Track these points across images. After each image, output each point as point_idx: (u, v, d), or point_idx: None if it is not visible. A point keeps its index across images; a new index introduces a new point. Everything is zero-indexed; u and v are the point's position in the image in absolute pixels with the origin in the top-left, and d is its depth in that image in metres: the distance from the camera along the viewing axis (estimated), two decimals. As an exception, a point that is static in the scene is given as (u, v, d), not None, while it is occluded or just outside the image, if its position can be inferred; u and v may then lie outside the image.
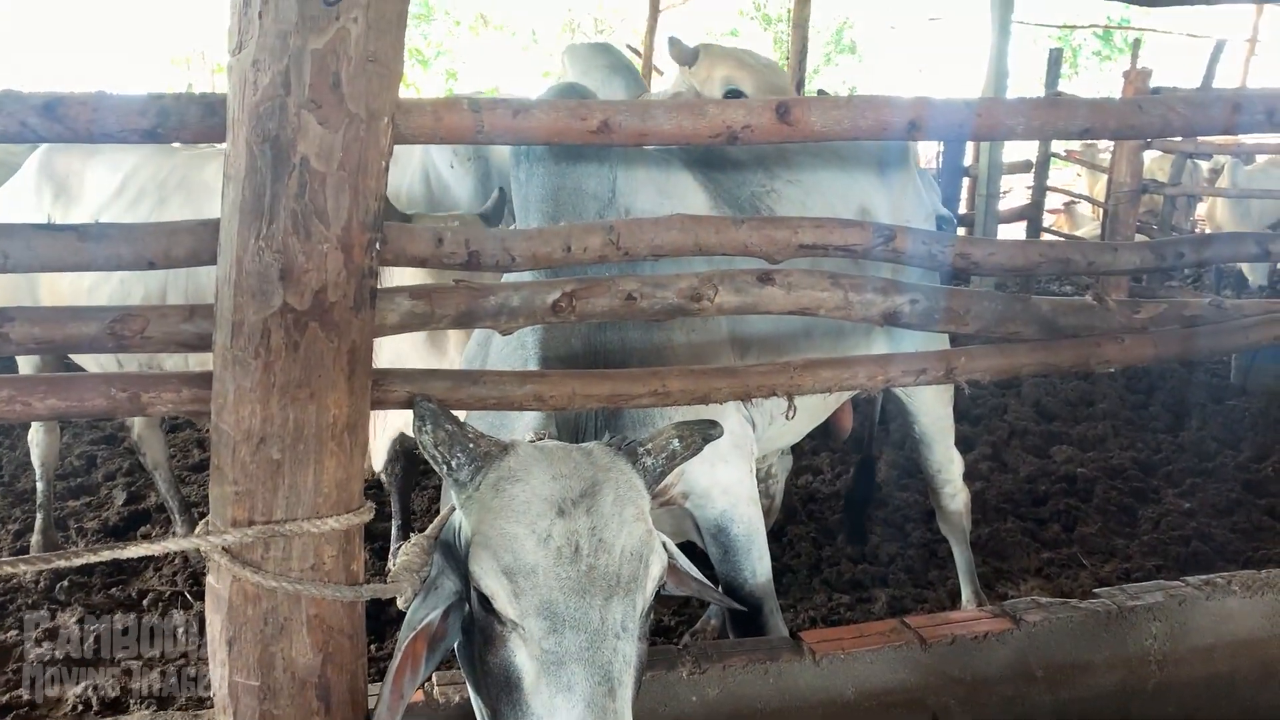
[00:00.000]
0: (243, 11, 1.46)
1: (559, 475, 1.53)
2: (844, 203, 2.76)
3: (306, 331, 1.51)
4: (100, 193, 3.73)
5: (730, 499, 2.29)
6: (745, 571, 2.32)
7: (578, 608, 1.42)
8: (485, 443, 1.58)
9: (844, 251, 1.99)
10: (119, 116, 1.54)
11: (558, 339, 2.11)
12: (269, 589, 1.57)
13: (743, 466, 2.34)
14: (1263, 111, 2.06)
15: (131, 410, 1.64)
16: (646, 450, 1.61)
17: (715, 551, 2.34)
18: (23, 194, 3.87)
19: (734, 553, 2.31)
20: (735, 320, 2.32)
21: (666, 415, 2.13)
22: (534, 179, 2.22)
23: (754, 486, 2.37)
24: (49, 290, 3.69)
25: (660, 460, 1.61)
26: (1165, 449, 5.45)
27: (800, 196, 2.63)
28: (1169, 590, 2.44)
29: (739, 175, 2.57)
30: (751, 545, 2.32)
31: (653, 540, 1.53)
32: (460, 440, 1.56)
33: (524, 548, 1.45)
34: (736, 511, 2.30)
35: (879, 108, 1.92)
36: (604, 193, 2.22)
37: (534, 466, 1.54)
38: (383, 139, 1.53)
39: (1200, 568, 3.91)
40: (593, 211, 2.21)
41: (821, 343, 2.59)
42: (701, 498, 2.27)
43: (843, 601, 3.83)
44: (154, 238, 1.61)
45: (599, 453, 1.60)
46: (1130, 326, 2.15)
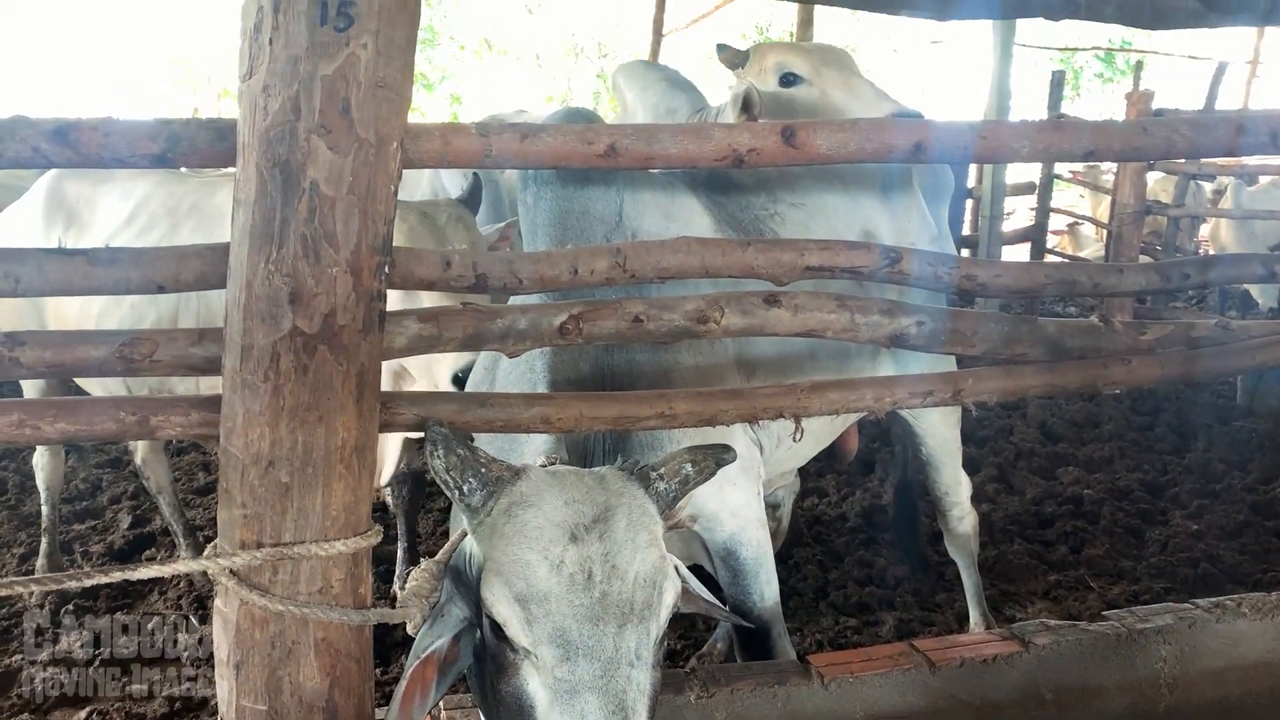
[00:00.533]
0: (253, 37, 1.48)
1: (571, 500, 1.52)
2: (847, 225, 2.76)
3: (315, 355, 1.52)
4: (112, 220, 3.72)
5: (739, 522, 2.28)
6: (754, 595, 2.31)
7: (591, 635, 1.41)
8: (497, 467, 1.57)
9: (850, 274, 2.00)
10: (129, 141, 1.56)
11: (565, 362, 2.11)
12: (276, 612, 1.57)
13: (750, 489, 2.34)
14: (1266, 133, 2.07)
15: (140, 434, 1.64)
16: (659, 475, 1.60)
17: (724, 574, 2.33)
18: (32, 220, 3.86)
19: (742, 576, 2.30)
20: (742, 342, 2.33)
21: (675, 438, 2.13)
22: (541, 203, 2.23)
23: (762, 509, 2.37)
24: (55, 317, 3.69)
25: (673, 485, 1.60)
26: (1172, 470, 5.43)
27: (804, 219, 2.63)
28: (1179, 613, 2.43)
29: (743, 198, 2.58)
30: (760, 568, 2.32)
31: (666, 566, 1.53)
32: (472, 465, 1.55)
33: (536, 574, 1.45)
34: (745, 535, 2.29)
35: (884, 130, 1.94)
36: (610, 216, 2.23)
37: (546, 492, 1.53)
38: (392, 164, 1.54)
39: (1209, 590, 3.89)
40: (599, 234, 2.22)
41: (827, 364, 2.59)
42: (710, 520, 2.27)
43: (849, 625, 3.81)
44: (163, 262, 1.62)
45: (611, 478, 1.59)
46: (1136, 348, 2.15)
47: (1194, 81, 13.02)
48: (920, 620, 3.86)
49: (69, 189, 3.83)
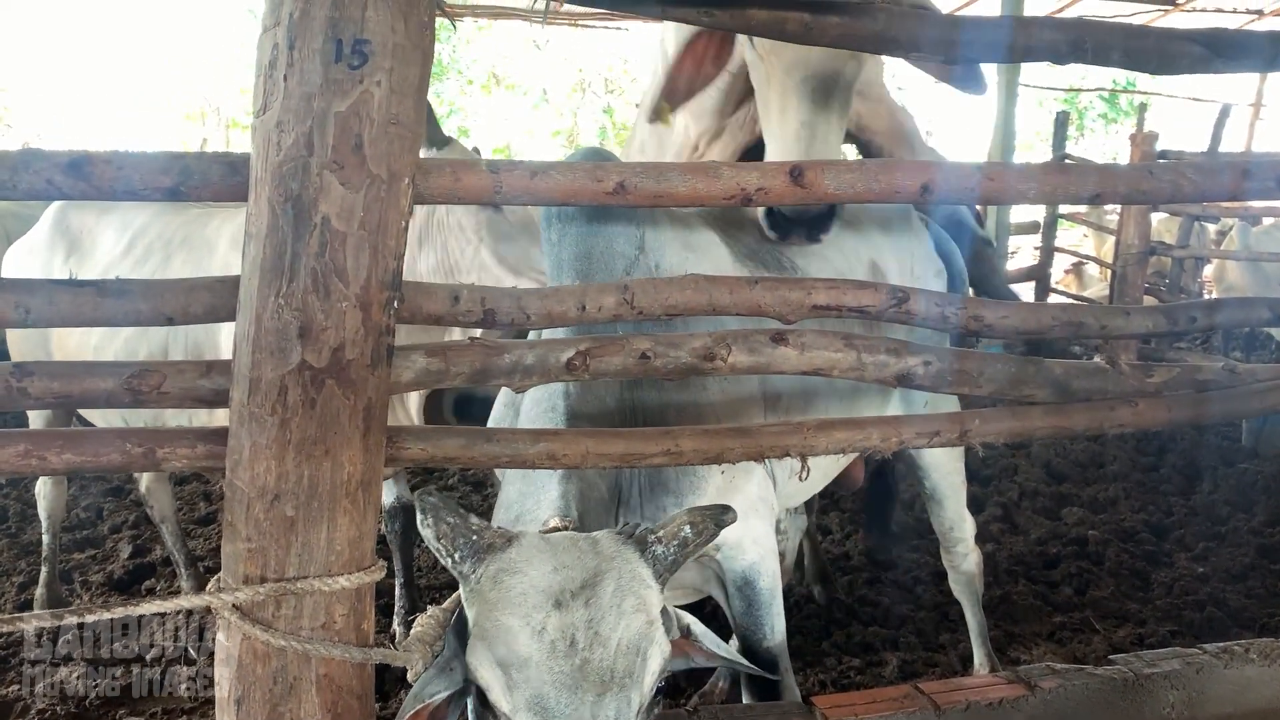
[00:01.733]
0: (268, 74, 1.49)
1: (560, 566, 1.51)
2: (856, 257, 2.83)
3: (324, 389, 1.52)
4: (110, 251, 3.75)
5: (760, 551, 2.30)
6: (765, 627, 2.31)
7: (569, 703, 1.40)
8: (490, 535, 1.57)
9: (857, 313, 2.00)
10: (142, 175, 1.57)
11: (590, 399, 2.11)
12: (279, 647, 1.56)
13: (770, 520, 2.36)
14: (1271, 178, 2.08)
15: (146, 465, 1.64)
16: (657, 539, 1.59)
17: (738, 604, 2.33)
18: (38, 250, 3.90)
19: (757, 607, 2.31)
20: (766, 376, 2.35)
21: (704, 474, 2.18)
22: (566, 240, 2.25)
23: (775, 541, 2.38)
24: (59, 348, 3.70)
25: (671, 548, 1.58)
26: (1177, 512, 5.41)
27: (817, 250, 2.68)
28: (1186, 658, 2.41)
29: (756, 231, 2.63)
30: (774, 600, 2.32)
31: (653, 632, 1.51)
32: (463, 533, 1.55)
33: (518, 640, 1.45)
34: (764, 565, 2.30)
35: (891, 171, 1.94)
36: (632, 251, 2.26)
37: (535, 558, 1.53)
38: (403, 200, 1.55)
39: (1215, 633, 3.86)
40: (621, 269, 2.25)
41: (851, 398, 2.64)
42: (733, 549, 2.27)
43: (853, 665, 3.78)
44: (173, 294, 1.62)
45: (606, 542, 1.58)
46: (1143, 390, 2.15)
47: (1197, 124, 13.10)
48: (924, 661, 3.83)
49: (73, 219, 3.86)
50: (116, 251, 3.73)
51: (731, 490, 2.25)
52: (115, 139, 17.54)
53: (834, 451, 2.02)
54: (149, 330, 3.46)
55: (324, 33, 1.45)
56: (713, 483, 2.24)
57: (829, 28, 1.79)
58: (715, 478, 2.24)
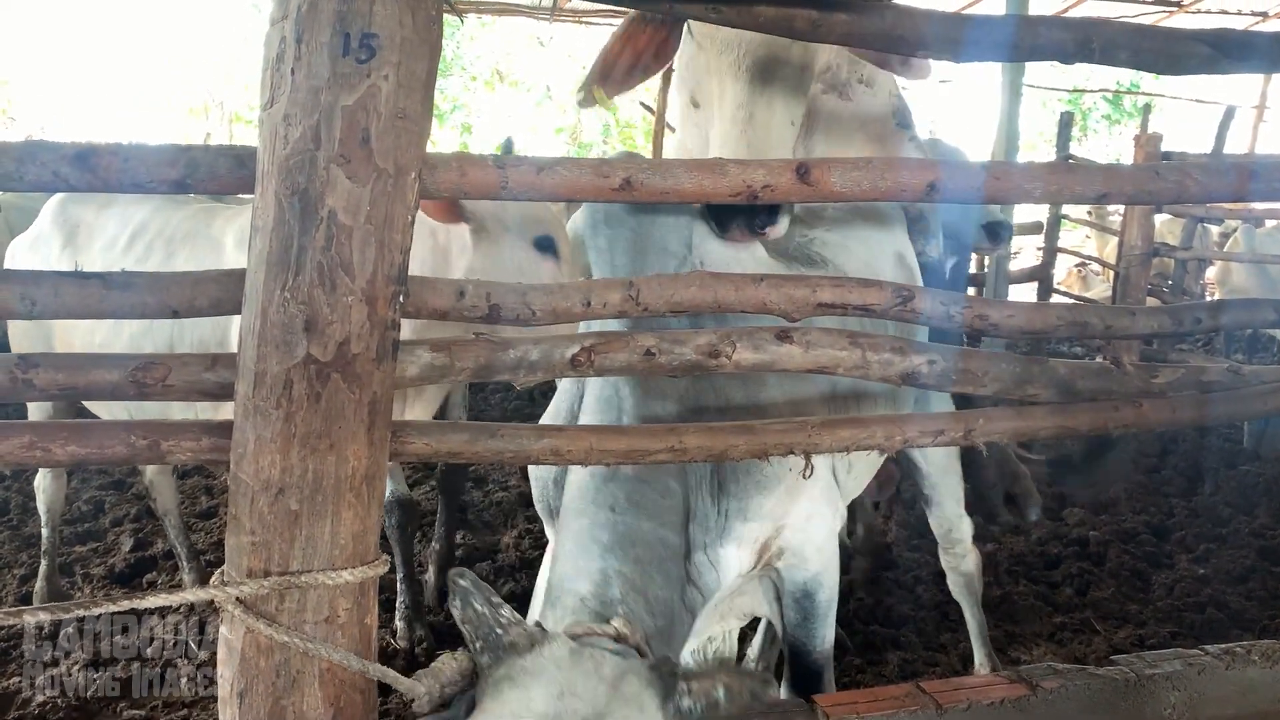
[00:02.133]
0: (275, 67, 1.49)
1: (567, 693, 1.43)
2: (880, 250, 2.85)
3: (329, 383, 1.52)
4: (110, 245, 3.74)
5: (823, 560, 2.25)
6: (818, 638, 2.28)
7: None
8: (515, 631, 1.50)
9: (862, 311, 2.00)
10: (149, 168, 1.57)
11: (653, 403, 2.09)
12: (281, 642, 1.56)
13: (834, 525, 2.31)
14: (1278, 179, 2.08)
15: (151, 458, 1.64)
16: (688, 690, 1.46)
17: (794, 616, 2.29)
18: (38, 243, 3.90)
19: (813, 619, 2.26)
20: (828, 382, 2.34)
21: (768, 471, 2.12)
22: (618, 243, 2.22)
23: (838, 549, 2.33)
24: (62, 343, 3.70)
25: (699, 707, 1.45)
26: (1179, 513, 5.41)
27: (840, 241, 2.70)
28: (1188, 659, 2.41)
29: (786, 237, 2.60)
30: (830, 611, 2.29)
31: None
32: (488, 624, 1.51)
33: None
34: (826, 576, 2.26)
35: (897, 169, 1.94)
36: (681, 249, 2.23)
37: (545, 676, 1.45)
38: (409, 194, 1.55)
39: (1215, 635, 3.86)
40: (673, 266, 2.24)
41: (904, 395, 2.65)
42: (796, 557, 2.23)
43: (854, 663, 3.79)
44: (179, 287, 1.62)
45: (631, 679, 1.47)
46: (1148, 391, 2.15)
47: (1201, 125, 13.09)
48: (925, 660, 3.83)
49: (72, 212, 3.85)
50: (118, 247, 3.72)
51: (798, 491, 2.21)
52: (118, 133, 17.54)
53: (838, 449, 2.01)
54: (154, 326, 3.45)
55: (331, 26, 1.45)
56: (782, 484, 2.18)
57: (836, 25, 1.79)
58: (785, 479, 2.18)
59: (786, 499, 2.17)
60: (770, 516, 2.17)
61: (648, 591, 1.78)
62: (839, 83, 3.08)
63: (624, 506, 1.87)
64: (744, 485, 2.13)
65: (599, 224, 2.25)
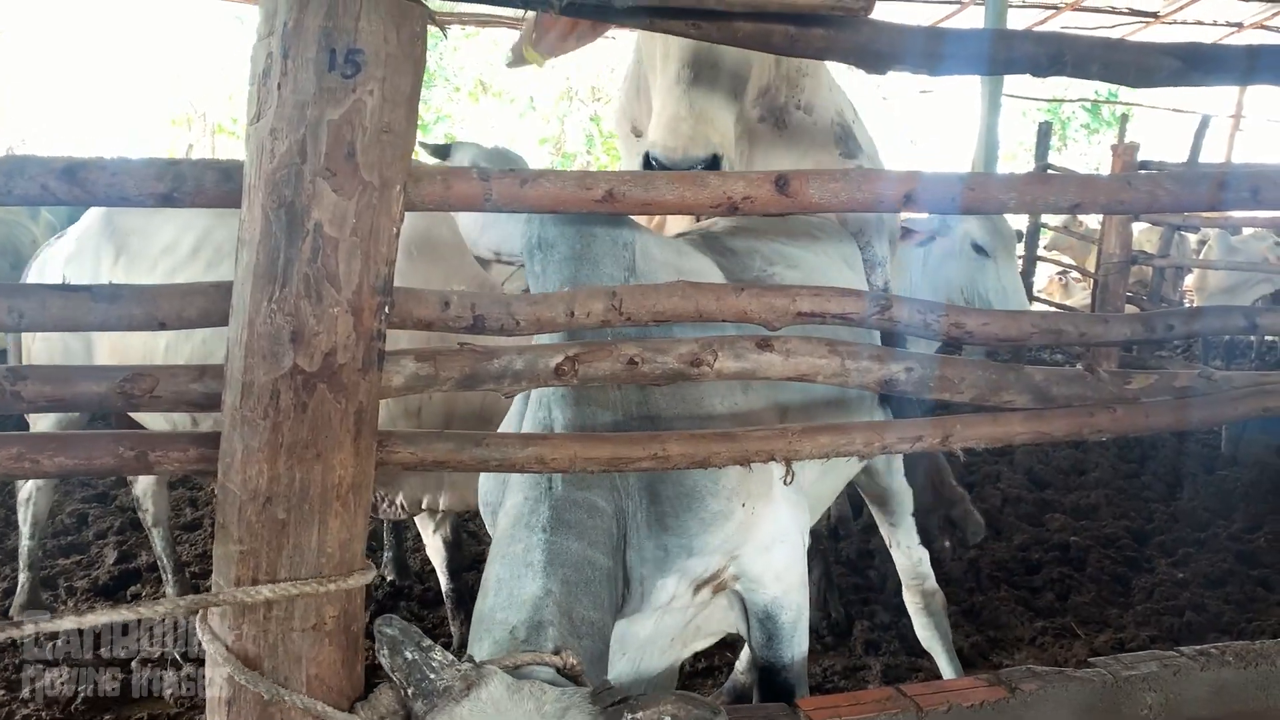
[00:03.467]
0: (262, 82, 1.51)
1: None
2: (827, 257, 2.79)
3: (315, 393, 1.54)
4: (170, 250, 3.68)
5: (783, 585, 2.22)
6: (786, 656, 2.27)
7: None
8: (448, 675, 1.48)
9: (841, 320, 2.03)
10: (136, 181, 1.59)
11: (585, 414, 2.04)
12: (259, 692, 1.56)
13: (798, 544, 2.26)
14: (1247, 189, 2.12)
15: (139, 469, 1.65)
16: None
17: (759, 637, 2.28)
18: (80, 256, 3.83)
19: (778, 640, 2.25)
20: (775, 389, 2.29)
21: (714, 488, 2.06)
22: (550, 268, 2.12)
23: (805, 569, 2.29)
24: (113, 351, 3.64)
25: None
26: (1158, 518, 5.46)
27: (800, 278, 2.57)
28: (1164, 660, 2.45)
29: (739, 260, 2.55)
30: (796, 630, 2.27)
31: None
32: (419, 671, 1.48)
33: None
34: (787, 599, 2.24)
35: (874, 181, 1.98)
36: (620, 273, 2.13)
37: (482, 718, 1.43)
38: (394, 206, 1.58)
39: (1194, 638, 3.91)
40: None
41: (855, 407, 2.60)
42: (754, 583, 2.21)
43: (835, 669, 3.82)
44: (167, 299, 1.64)
45: (572, 715, 1.44)
46: (1122, 397, 2.19)
47: (1179, 134, 13.23)
48: (907, 666, 3.86)
49: (119, 221, 3.79)
50: (179, 253, 3.67)
51: (752, 525, 2.15)
52: (101, 144, 17.49)
53: (818, 456, 2.05)
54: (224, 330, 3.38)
55: (317, 42, 1.48)
56: (731, 520, 2.11)
57: (813, 39, 1.82)
58: (736, 514, 2.11)
59: (740, 532, 2.13)
60: (720, 551, 2.12)
61: (574, 612, 1.75)
62: (776, 109, 2.95)
63: (553, 527, 1.84)
64: (685, 522, 2.05)
65: (533, 248, 2.16)
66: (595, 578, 1.84)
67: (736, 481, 2.10)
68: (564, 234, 2.11)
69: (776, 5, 1.71)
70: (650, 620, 2.11)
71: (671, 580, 2.07)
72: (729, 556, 2.14)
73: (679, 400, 2.14)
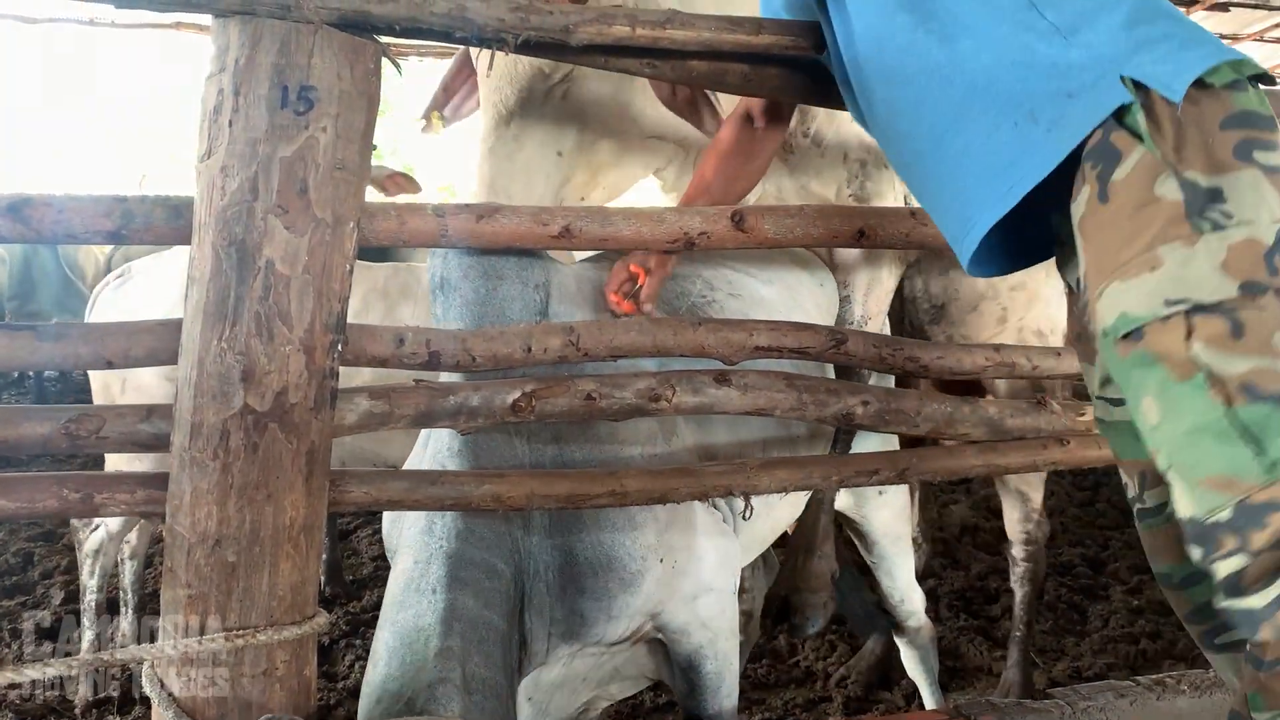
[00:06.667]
0: (213, 119, 1.50)
1: None
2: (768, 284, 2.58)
3: (266, 433, 1.52)
4: None
5: (708, 634, 2.11)
6: (710, 708, 2.13)
7: None
8: None
9: (797, 354, 2.04)
10: (83, 219, 1.56)
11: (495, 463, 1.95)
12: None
13: (726, 590, 2.15)
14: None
15: (84, 511, 1.61)
16: None
17: (682, 685, 2.15)
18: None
19: (702, 691, 2.12)
20: (698, 431, 2.22)
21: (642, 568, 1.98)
22: (451, 313, 1.99)
23: (735, 614, 2.19)
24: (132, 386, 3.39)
25: None
26: (1113, 546, 5.52)
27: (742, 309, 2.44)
28: (1120, 690, 2.47)
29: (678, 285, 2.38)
30: (722, 681, 2.14)
31: None
32: None
33: None
34: (713, 648, 2.11)
35: (829, 217, 2.00)
36: (529, 317, 2.02)
37: None
38: (347, 243, 1.56)
39: (1149, 666, 3.94)
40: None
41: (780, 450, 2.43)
42: (678, 633, 2.09)
43: (797, 702, 3.80)
44: (114, 338, 1.61)
45: None
46: (1074, 429, 2.21)
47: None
48: (871, 698, 3.85)
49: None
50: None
51: (675, 579, 2.04)
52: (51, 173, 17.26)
53: (776, 490, 2.05)
54: None
55: (270, 79, 1.47)
56: (650, 577, 1.98)
57: (768, 78, 1.84)
58: (654, 570, 1.99)
59: (661, 589, 2.01)
60: (642, 612, 2.01)
61: (469, 669, 1.69)
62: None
63: (448, 585, 1.76)
64: (605, 583, 1.94)
65: (436, 288, 2.03)
66: (490, 638, 1.77)
67: (655, 538, 2.00)
68: (468, 275, 1.98)
69: (731, 44, 1.72)
70: (559, 665, 2.00)
71: (578, 647, 1.97)
72: (650, 615, 2.03)
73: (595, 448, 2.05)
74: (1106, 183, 1.29)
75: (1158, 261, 1.23)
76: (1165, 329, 1.22)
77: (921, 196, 1.63)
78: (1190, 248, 1.22)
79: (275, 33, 1.47)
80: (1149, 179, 1.25)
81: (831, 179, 2.53)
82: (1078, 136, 1.32)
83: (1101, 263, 1.29)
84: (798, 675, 4.02)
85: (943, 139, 1.46)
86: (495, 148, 2.28)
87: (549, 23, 1.62)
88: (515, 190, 2.28)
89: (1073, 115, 1.33)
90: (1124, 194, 1.27)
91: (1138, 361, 1.26)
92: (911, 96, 1.50)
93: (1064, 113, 1.33)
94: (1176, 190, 1.24)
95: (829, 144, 2.55)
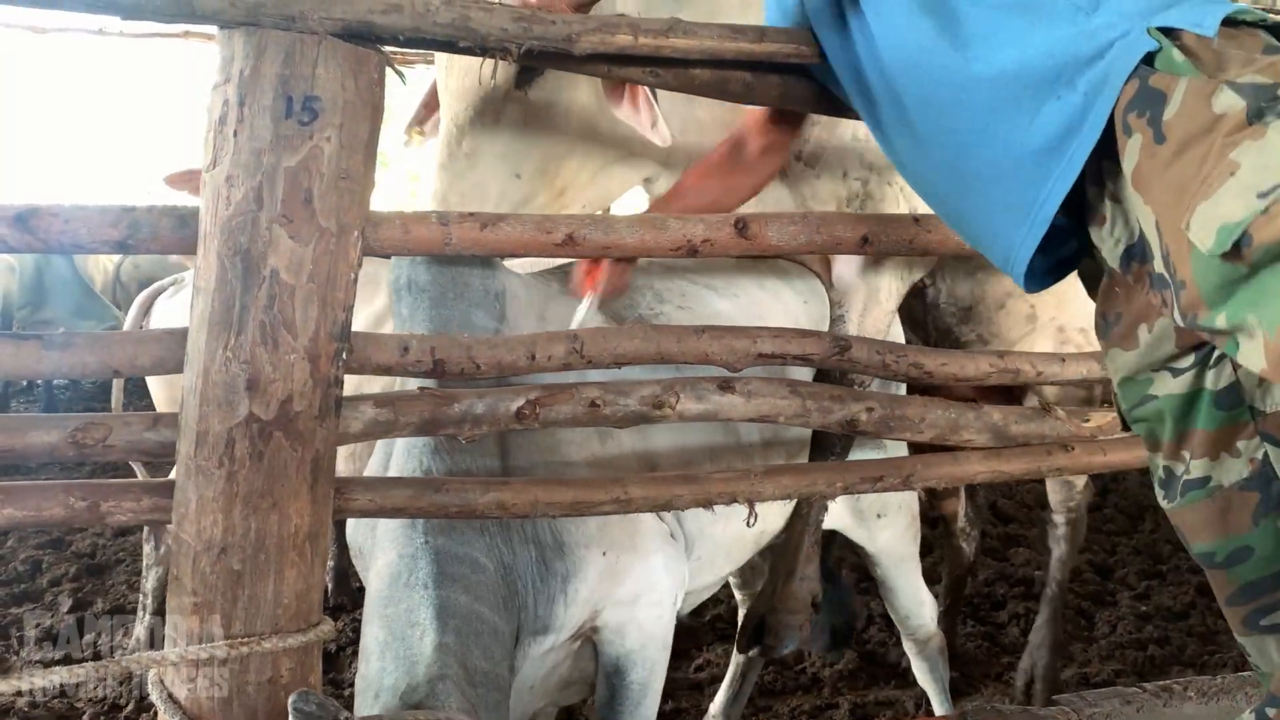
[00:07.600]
0: (218, 129, 1.51)
1: None
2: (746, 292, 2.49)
3: (271, 441, 1.52)
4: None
5: (642, 639, 2.07)
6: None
7: None
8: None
9: (801, 361, 2.04)
10: (90, 229, 1.57)
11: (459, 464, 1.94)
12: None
13: (667, 603, 2.12)
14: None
15: (90, 519, 1.62)
16: None
17: (603, 693, 2.08)
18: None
19: (621, 702, 2.06)
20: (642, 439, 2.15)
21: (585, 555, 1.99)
22: (419, 313, 1.96)
23: (671, 626, 2.14)
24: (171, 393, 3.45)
25: None
26: (1120, 551, 5.50)
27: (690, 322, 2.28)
28: (1126, 697, 2.46)
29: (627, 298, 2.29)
30: (645, 694, 2.08)
31: None
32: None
33: None
34: (644, 654, 2.07)
35: (832, 224, 2.01)
36: (490, 324, 2.00)
37: None
38: (352, 252, 1.57)
39: (1157, 672, 3.93)
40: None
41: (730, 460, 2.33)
42: (613, 633, 2.05)
43: (803, 709, 3.80)
44: (120, 347, 1.62)
45: None
46: (1078, 435, 2.21)
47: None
48: (876, 702, 3.85)
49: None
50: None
51: (614, 575, 2.02)
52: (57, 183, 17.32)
53: (780, 497, 2.05)
54: None
55: (274, 89, 1.48)
56: (592, 567, 1.99)
57: (770, 87, 1.85)
58: (596, 561, 2.00)
59: (603, 583, 2.00)
60: (587, 603, 2.00)
61: (469, 663, 1.69)
62: None
63: (437, 581, 1.76)
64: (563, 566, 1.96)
65: (402, 288, 2.00)
66: (484, 630, 1.77)
67: (596, 529, 2.00)
68: (437, 280, 1.97)
69: (733, 52, 1.73)
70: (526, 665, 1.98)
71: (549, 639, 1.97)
72: (593, 609, 2.02)
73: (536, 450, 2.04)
74: (1159, 123, 1.29)
75: (1234, 166, 1.21)
76: (1270, 219, 1.18)
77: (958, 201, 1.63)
78: (1262, 139, 1.20)
79: (280, 43, 1.48)
80: (1204, 101, 1.25)
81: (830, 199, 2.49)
82: (1116, 89, 1.34)
83: (1178, 198, 1.27)
84: (804, 682, 4.02)
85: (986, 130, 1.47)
86: (447, 164, 2.23)
87: (552, 32, 1.63)
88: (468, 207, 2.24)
89: (1108, 70, 1.35)
90: (1183, 124, 1.27)
91: (1261, 260, 1.20)
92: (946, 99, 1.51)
93: (1099, 72, 1.36)
94: (1235, 98, 1.23)
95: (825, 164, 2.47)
